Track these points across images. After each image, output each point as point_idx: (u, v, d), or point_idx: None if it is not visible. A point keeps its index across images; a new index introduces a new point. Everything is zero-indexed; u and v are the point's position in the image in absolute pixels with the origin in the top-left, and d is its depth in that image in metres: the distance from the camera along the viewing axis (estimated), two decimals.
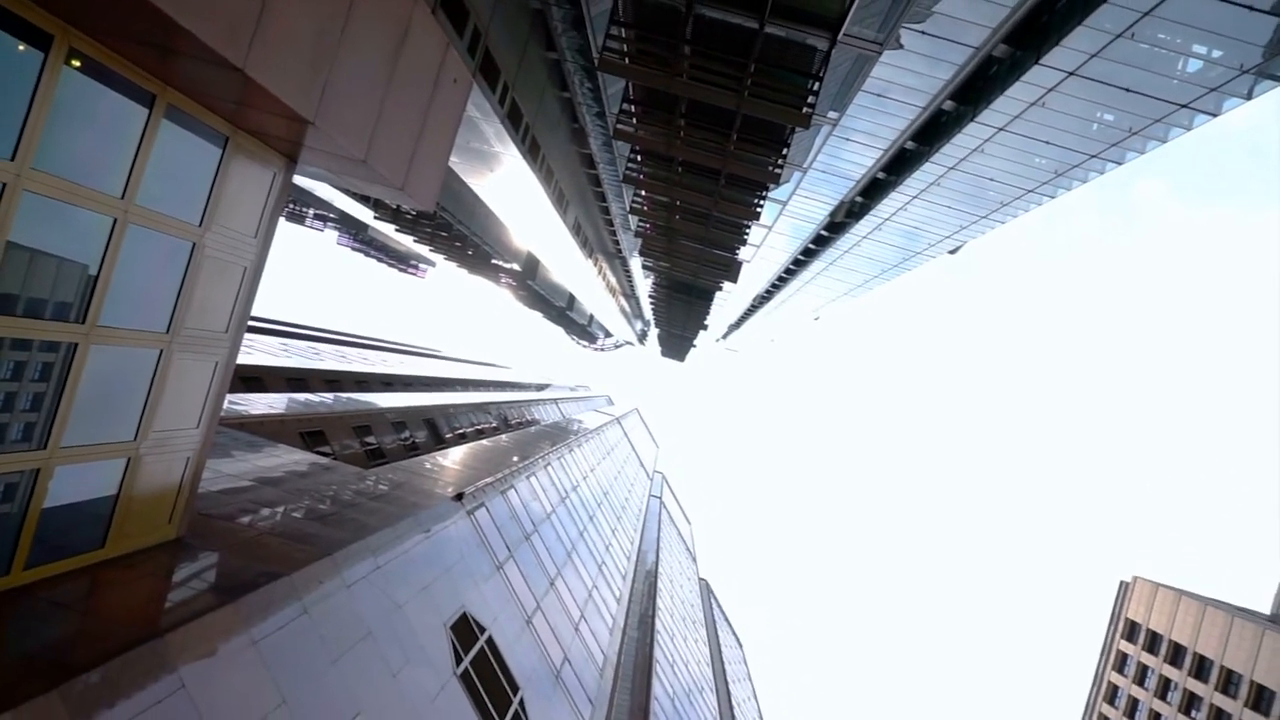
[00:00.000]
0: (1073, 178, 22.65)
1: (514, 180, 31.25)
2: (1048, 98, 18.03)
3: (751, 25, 14.48)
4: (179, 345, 9.55)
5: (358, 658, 11.53)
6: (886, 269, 43.13)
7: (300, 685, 9.82)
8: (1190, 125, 17.31)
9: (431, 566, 16.13)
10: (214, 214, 9.48)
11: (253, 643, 9.33)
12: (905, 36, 17.05)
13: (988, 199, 27.13)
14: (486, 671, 15.97)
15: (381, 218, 63.81)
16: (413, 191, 11.70)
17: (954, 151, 22.98)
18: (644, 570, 46.35)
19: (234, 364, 11.01)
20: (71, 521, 8.88)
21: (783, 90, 16.57)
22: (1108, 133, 19.17)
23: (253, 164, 9.97)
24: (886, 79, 19.38)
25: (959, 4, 15.68)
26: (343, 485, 17.34)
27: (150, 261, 8.81)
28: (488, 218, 49.03)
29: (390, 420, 28.19)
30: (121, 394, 9.06)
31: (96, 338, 8.25)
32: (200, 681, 8.21)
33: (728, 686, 51.04)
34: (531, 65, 23.74)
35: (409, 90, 10.68)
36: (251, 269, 10.72)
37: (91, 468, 8.83)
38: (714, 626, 64.54)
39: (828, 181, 29.86)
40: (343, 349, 48.92)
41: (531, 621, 20.49)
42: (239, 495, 13.86)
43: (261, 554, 11.47)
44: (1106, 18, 14.20)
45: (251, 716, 8.66)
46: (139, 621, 8.57)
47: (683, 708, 34.01)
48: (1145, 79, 16.16)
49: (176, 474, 10.40)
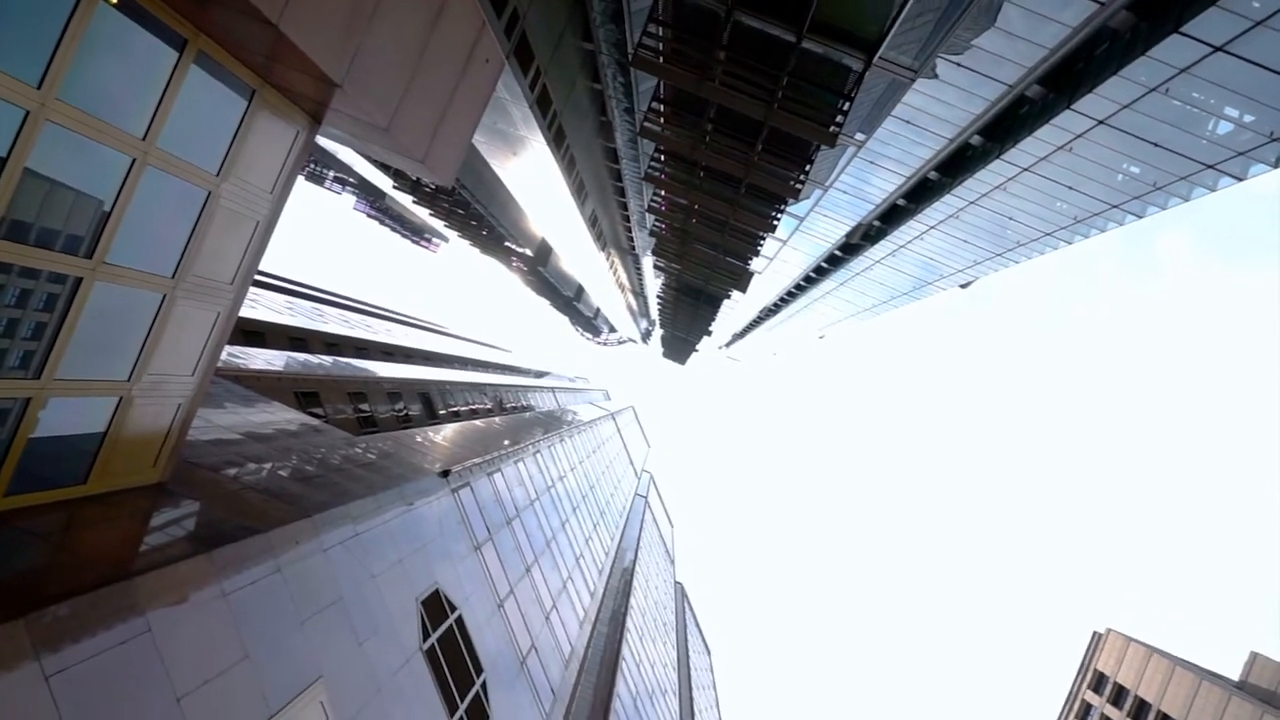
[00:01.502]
0: (1092, 225, 22.63)
1: (536, 166, 31.27)
2: (1075, 143, 18.01)
3: (789, 38, 14.46)
4: (183, 292, 9.56)
5: (325, 622, 11.54)
6: (896, 296, 43.10)
7: (265, 643, 9.84)
8: (1215, 186, 17.29)
9: (409, 540, 16.14)
10: (233, 165, 9.49)
11: (223, 595, 9.35)
12: (941, 67, 17.03)
13: (1005, 237, 27.10)
14: (452, 650, 16.00)
15: (401, 188, 63.88)
16: (433, 165, 11.71)
17: (976, 186, 22.97)
18: (621, 567, 46.37)
19: (236, 316, 11.02)
20: (56, 454, 8.90)
21: (812, 106, 16.56)
22: (1131, 185, 19.15)
23: (277, 120, 9.97)
24: (917, 107, 19.36)
25: (998, 41, 15.65)
26: (331, 449, 17.35)
27: (164, 205, 8.82)
28: (506, 200, 49.05)
29: (386, 390, 28.21)
30: (121, 333, 9.07)
31: (103, 274, 8.26)
32: (166, 627, 8.22)
33: (691, 692, 51.06)
34: (566, 54, 23.73)
35: (440, 65, 10.68)
36: (264, 224, 10.73)
37: (83, 403, 8.85)
38: (684, 631, 64.55)
39: (847, 202, 29.84)
40: (347, 314, 48.93)
41: (503, 606, 20.51)
42: (227, 447, 13.87)
43: (242, 508, 11.49)
44: (1142, 70, 14.19)
45: (213, 667, 8.67)
46: (112, 561, 8.58)
47: (644, 708, 34.03)
48: (1174, 135, 16.14)
49: (166, 419, 10.41)
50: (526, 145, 28.36)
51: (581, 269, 65.50)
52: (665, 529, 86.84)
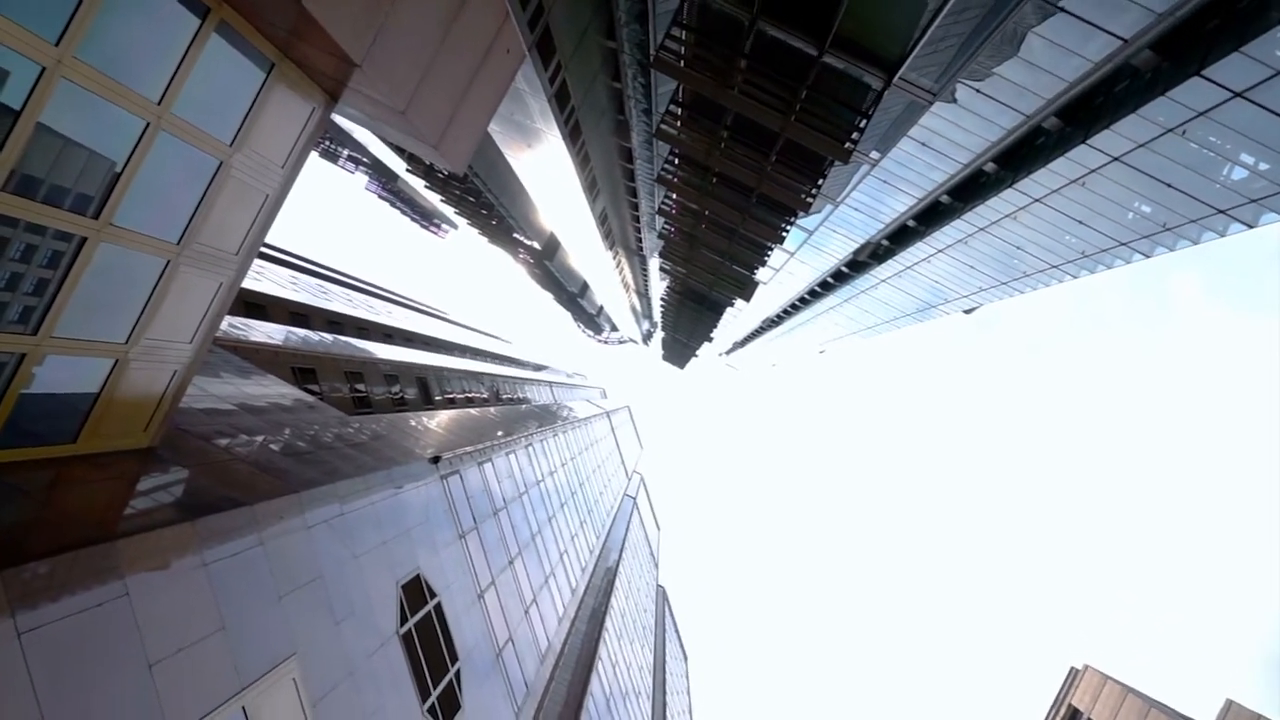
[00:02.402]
0: (1098, 261, 22.63)
1: (550, 159, 31.26)
2: (1089, 178, 18.02)
3: (810, 52, 14.47)
4: (187, 259, 9.56)
5: (304, 599, 11.54)
6: (900, 316, 43.12)
7: (242, 615, 9.83)
8: (1224, 232, 17.30)
9: (394, 523, 16.14)
10: (246, 137, 9.49)
11: (203, 564, 9.35)
12: (960, 92, 17.04)
13: (1012, 266, 27.12)
14: (429, 637, 15.99)
15: (413, 171, 63.88)
16: (446, 151, 11.70)
17: (987, 213, 22.98)
18: (605, 566, 46.35)
19: (238, 287, 11.01)
20: (48, 411, 8.90)
21: (829, 121, 16.57)
22: (1141, 224, 19.16)
23: (293, 95, 9.97)
24: (934, 129, 19.37)
25: (1019, 71, 15.66)
26: (324, 427, 17.35)
27: (174, 171, 8.81)
28: (518, 191, 49.02)
29: (383, 372, 28.19)
30: (121, 296, 9.07)
31: (108, 235, 8.26)
32: (144, 592, 8.22)
33: (665, 696, 51.05)
34: (588, 50, 23.72)
35: (460, 52, 10.68)
36: (274, 197, 10.73)
37: (78, 362, 8.85)
38: (663, 635, 64.54)
39: (857, 219, 29.86)
40: (351, 293, 48.91)
41: (483, 596, 20.50)
42: (220, 417, 13.87)
43: (229, 479, 11.48)
44: (1161, 110, 14.20)
45: (188, 636, 8.67)
46: (95, 522, 8.58)
47: (616, 708, 34.02)
48: (1188, 178, 16.15)
49: (161, 384, 10.41)
50: (542, 138, 28.34)
51: (588, 266, 65.49)
52: (652, 532, 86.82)
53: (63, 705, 6.86)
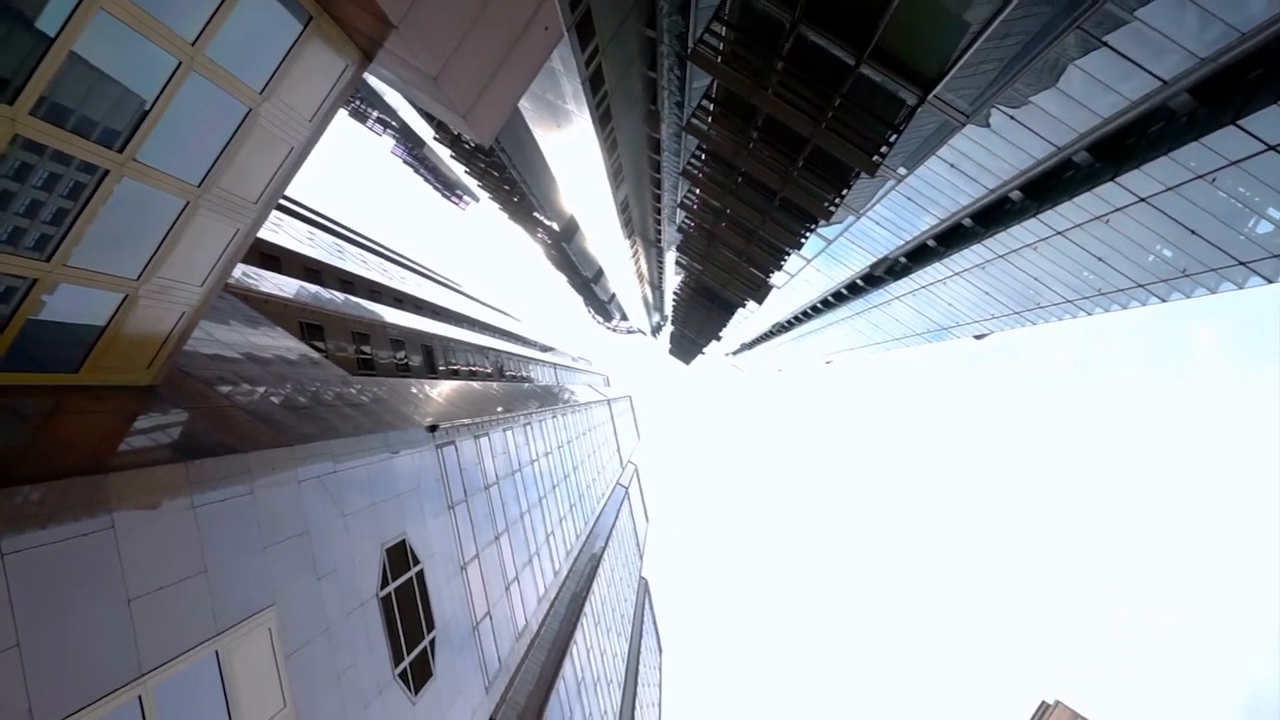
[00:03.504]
0: (1114, 300, 22.54)
1: (578, 142, 31.21)
2: (1113, 216, 17.93)
3: (848, 60, 14.41)
4: (206, 202, 9.59)
5: (288, 552, 11.60)
6: (910, 335, 43.02)
7: (224, 561, 9.89)
8: (1243, 284, 17.20)
9: (385, 487, 16.20)
10: (277, 87, 9.49)
11: (191, 507, 9.40)
12: (994, 116, 16.95)
13: (1027, 297, 27.02)
14: (408, 602, 16.07)
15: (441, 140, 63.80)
16: (474, 122, 11.69)
17: (1008, 241, 22.89)
18: (590, 552, 46.46)
19: (254, 236, 11.04)
20: (53, 339, 8.95)
21: (859, 132, 16.50)
22: (1160, 267, 19.06)
23: (328, 50, 9.97)
24: (963, 151, 19.28)
25: (1055, 101, 15.57)
26: (326, 384, 17.41)
27: (202, 113, 8.83)
28: (542, 170, 48.95)
29: (390, 336, 28.23)
30: (137, 232, 9.10)
31: (131, 170, 8.28)
32: (130, 528, 8.27)
33: (636, 686, 51.23)
34: (627, 36, 23.64)
35: (498, 24, 10.65)
36: (298, 150, 10.74)
37: (88, 293, 8.89)
38: (641, 626, 64.72)
39: (878, 234, 29.75)
40: (366, 255, 48.94)
41: (466, 569, 20.58)
42: (223, 364, 13.92)
43: (226, 425, 11.54)
44: (1193, 156, 14.11)
45: (169, 576, 8.73)
46: (89, 453, 8.64)
47: (586, 693, 34.17)
48: (1213, 226, 16.05)
49: (168, 324, 10.45)
50: (572, 120, 28.29)
51: (605, 252, 65.41)
52: (640, 523, 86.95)
53: (39, 628, 6.92)
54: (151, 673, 8.14)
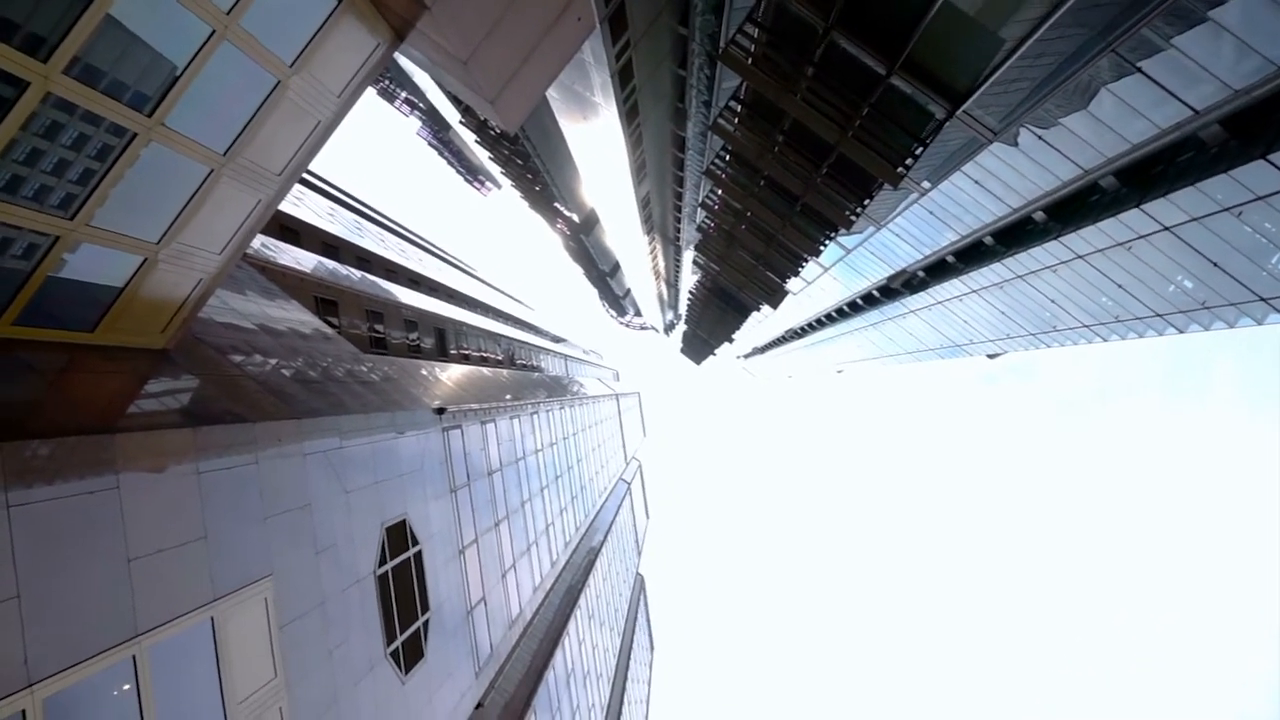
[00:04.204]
0: (1131, 328, 22.40)
1: (603, 135, 31.19)
2: (1136, 243, 17.81)
3: (879, 70, 14.34)
4: (230, 171, 9.64)
5: (288, 524, 11.68)
6: (924, 350, 42.87)
7: (225, 529, 9.96)
8: (1262, 320, 17.07)
9: (389, 466, 16.28)
10: (308, 61, 9.53)
11: (196, 472, 9.47)
12: (1022, 135, 16.86)
13: (1043, 319, 26.88)
14: (404, 582, 16.14)
15: (467, 124, 63.91)
16: (501, 109, 11.72)
17: (1028, 261, 22.77)
18: (588, 545, 46.57)
19: (275, 208, 11.10)
20: (71, 297, 9.03)
21: (885, 143, 16.43)
22: (1180, 298, 18.93)
23: (361, 27, 10.01)
24: (989, 169, 19.18)
25: (1085, 124, 15.47)
26: (337, 360, 17.49)
27: (232, 83, 8.88)
28: (566, 161, 48.99)
29: (404, 317, 28.32)
30: (160, 196, 9.17)
31: (158, 135, 8.34)
32: (135, 489, 8.35)
33: (625, 682, 51.32)
34: (659, 33, 23.61)
35: (531, 12, 10.67)
36: (325, 125, 10.79)
37: (108, 254, 8.96)
38: (634, 622, 64.82)
39: (897, 246, 29.65)
40: (385, 234, 49.09)
41: (464, 553, 20.66)
42: (237, 333, 14.01)
43: (236, 394, 11.62)
44: (1220, 188, 14.00)
45: (169, 539, 8.80)
46: (99, 412, 8.71)
47: (576, 685, 34.26)
48: (1235, 260, 15.93)
49: (184, 290, 10.53)
50: (598, 113, 28.28)
51: (623, 247, 65.41)
52: (640, 519, 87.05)
53: (40, 581, 7.00)
54: (147, 633, 8.22)
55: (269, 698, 10.54)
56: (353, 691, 13.11)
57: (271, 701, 10.59)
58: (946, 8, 12.40)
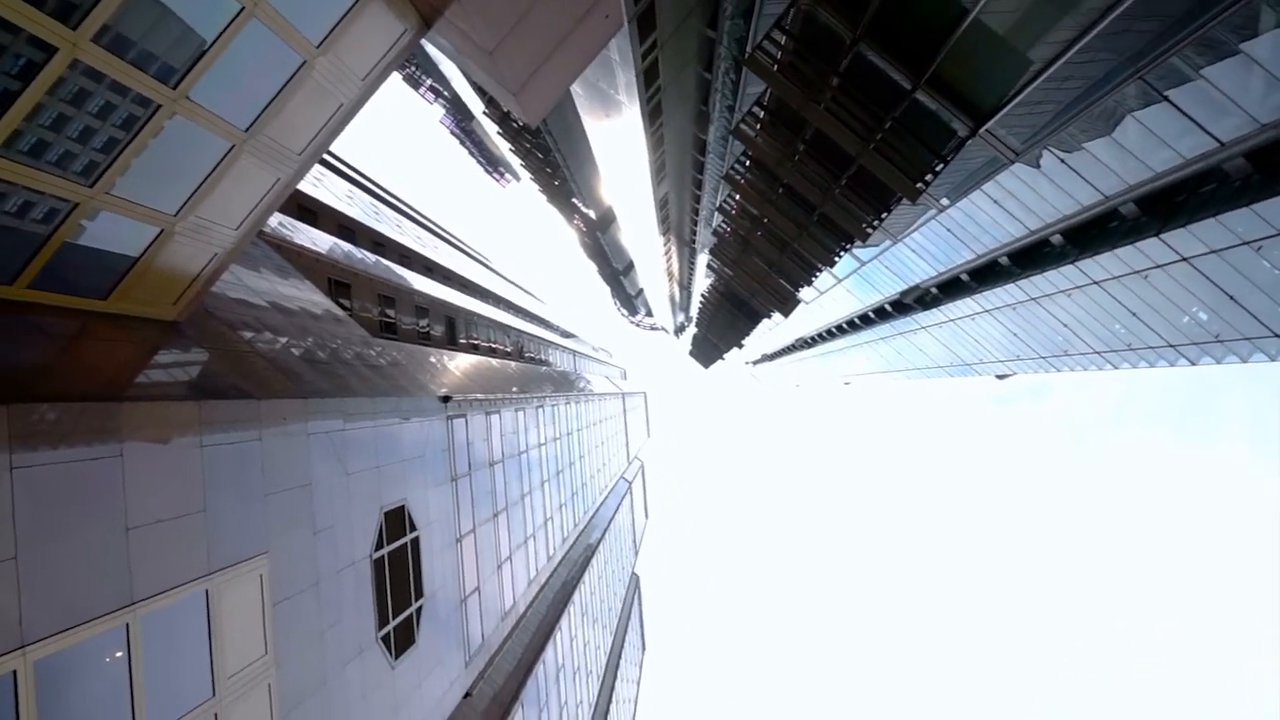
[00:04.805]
0: (1142, 357, 22.28)
1: (625, 134, 31.19)
2: (1153, 273, 17.71)
3: (904, 84, 14.30)
4: (251, 148, 9.68)
5: (288, 502, 11.71)
6: (933, 367, 42.74)
7: (225, 503, 10.00)
8: (1275, 356, 16.95)
9: (392, 450, 16.31)
10: (335, 42, 9.56)
11: (200, 445, 9.51)
12: (1045, 158, 16.78)
13: (1055, 343, 26.76)
14: (400, 567, 16.18)
15: (490, 115, 64.01)
16: (525, 101, 11.73)
17: (1043, 284, 22.67)
18: (585, 542, 46.58)
19: (294, 187, 11.14)
20: (86, 264, 9.08)
21: (906, 157, 16.38)
22: (1194, 330, 18.82)
23: (389, 12, 10.02)
24: (1009, 189, 19.11)
25: (1109, 150, 15.39)
26: (347, 342, 17.54)
27: (258, 60, 8.91)
28: (586, 158, 49.00)
29: (415, 303, 28.39)
30: (180, 169, 9.21)
31: (182, 108, 8.38)
32: (138, 458, 8.39)
33: (615, 680, 51.32)
34: (687, 35, 23.59)
35: (559, 7, 10.68)
36: (348, 107, 10.81)
37: (126, 223, 9.01)
38: (627, 620, 64.80)
39: (912, 261, 29.57)
40: (401, 219, 49.21)
41: (461, 542, 20.69)
42: (249, 310, 14.06)
43: (244, 370, 11.66)
44: (1241, 221, 13.91)
45: (169, 510, 8.84)
46: (107, 380, 8.76)
47: (565, 680, 34.27)
48: (1252, 295, 15.82)
49: (199, 263, 10.58)
50: (621, 111, 28.28)
51: (638, 246, 65.39)
52: (639, 519, 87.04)
53: (39, 544, 7.04)
54: (141, 602, 8.26)
55: (258, 674, 10.58)
56: (342, 673, 13.15)
57: (260, 678, 10.63)
58: (976, 25, 12.35)
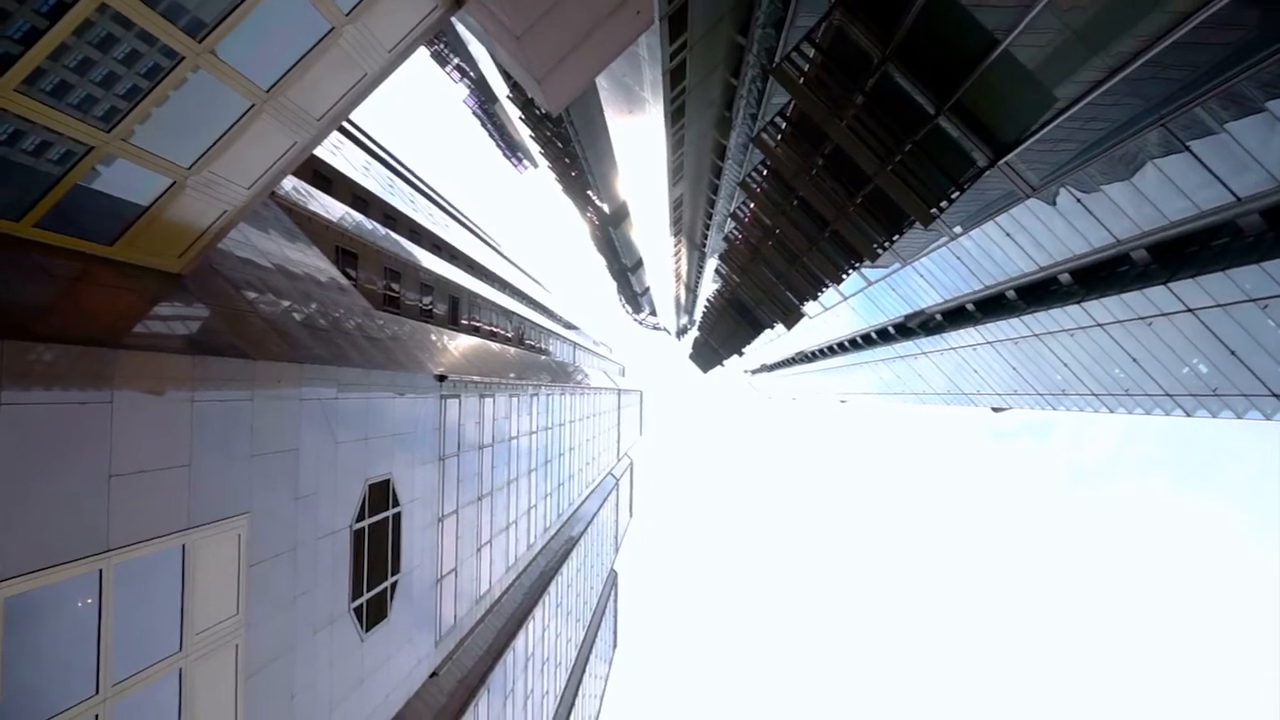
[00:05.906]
0: (1138, 404, 22.30)
1: (646, 132, 31.17)
2: (1157, 320, 17.73)
3: (927, 109, 14.31)
4: (271, 109, 9.67)
5: (273, 465, 11.71)
6: (930, 393, 42.76)
7: (210, 460, 10.00)
8: (1271, 415, 16.97)
9: (382, 424, 16.31)
10: (364, 12, 9.54)
11: (190, 400, 9.51)
12: (1061, 195, 16.79)
13: (1053, 381, 26.78)
14: (379, 541, 16.18)
15: (513, 100, 63.94)
16: (547, 89, 11.72)
17: (1046, 321, 22.69)
18: (567, 534, 46.61)
19: (310, 152, 11.12)
20: (95, 209, 9.07)
21: (923, 182, 16.38)
22: (1192, 381, 18.83)
23: None
24: (1022, 224, 19.12)
25: (1125, 194, 15.40)
26: (349, 312, 17.54)
27: (287, 22, 8.89)
28: (605, 151, 48.97)
29: (421, 279, 28.38)
30: (198, 123, 9.20)
31: (205, 62, 8.37)
32: (127, 406, 8.38)
33: (583, 674, 51.36)
34: (717, 39, 23.57)
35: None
36: (371, 78, 10.80)
37: (139, 171, 9.00)
38: (601, 617, 64.85)
39: (919, 286, 29.58)
40: (415, 195, 49.20)
41: (443, 522, 20.69)
42: (253, 270, 14.05)
43: (242, 329, 11.65)
44: (1249, 278, 13.92)
45: (153, 461, 8.84)
46: (105, 326, 8.75)
47: (533, 670, 34.30)
48: (1254, 352, 15.84)
49: (208, 218, 10.57)
50: (645, 109, 28.25)
51: (648, 245, 65.37)
52: (623, 517, 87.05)
53: (19, 481, 7.04)
54: (117, 550, 8.26)
55: (227, 633, 10.59)
56: (310, 640, 13.15)
57: (229, 638, 10.63)
58: (1006, 57, 12.34)
